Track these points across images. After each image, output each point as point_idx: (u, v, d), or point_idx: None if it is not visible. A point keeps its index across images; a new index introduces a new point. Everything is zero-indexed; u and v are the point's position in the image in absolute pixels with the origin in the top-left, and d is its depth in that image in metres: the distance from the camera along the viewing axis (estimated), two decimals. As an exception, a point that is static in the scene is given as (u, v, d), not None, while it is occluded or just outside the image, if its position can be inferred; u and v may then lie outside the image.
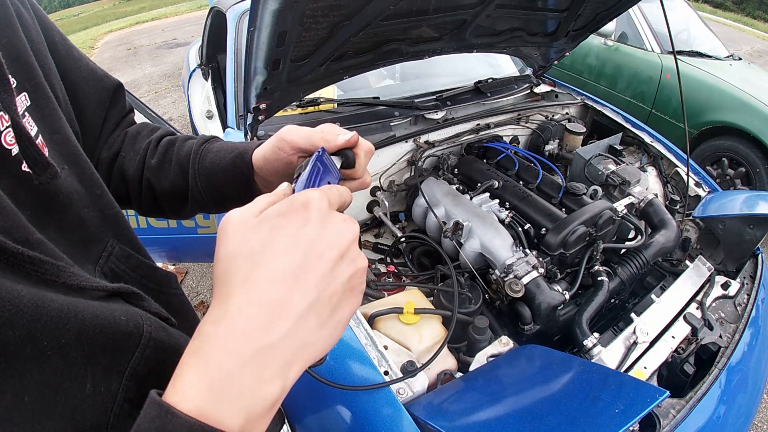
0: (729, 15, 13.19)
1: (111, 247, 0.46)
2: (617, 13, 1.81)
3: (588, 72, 4.02)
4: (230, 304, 0.28)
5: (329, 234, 0.31)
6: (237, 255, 0.29)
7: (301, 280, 0.29)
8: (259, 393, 0.27)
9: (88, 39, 11.17)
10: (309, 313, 0.29)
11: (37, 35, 0.45)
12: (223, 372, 0.26)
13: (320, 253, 0.30)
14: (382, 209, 1.73)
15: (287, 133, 0.50)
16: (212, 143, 0.60)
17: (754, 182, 3.06)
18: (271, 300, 0.28)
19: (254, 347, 0.27)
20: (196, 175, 0.58)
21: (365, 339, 0.95)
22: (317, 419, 0.96)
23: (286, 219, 0.30)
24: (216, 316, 0.28)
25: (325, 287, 0.30)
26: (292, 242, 0.30)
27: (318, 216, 0.31)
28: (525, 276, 1.25)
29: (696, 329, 1.21)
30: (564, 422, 0.74)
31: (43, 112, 0.41)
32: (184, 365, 0.27)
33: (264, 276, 0.28)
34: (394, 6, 1.22)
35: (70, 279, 0.34)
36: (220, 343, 0.27)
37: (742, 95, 3.08)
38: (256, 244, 0.29)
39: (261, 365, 0.27)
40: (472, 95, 1.98)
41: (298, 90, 1.42)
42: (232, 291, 0.28)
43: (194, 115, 2.82)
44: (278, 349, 0.28)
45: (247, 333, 0.27)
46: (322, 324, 0.30)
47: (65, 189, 0.41)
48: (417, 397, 0.90)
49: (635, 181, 1.65)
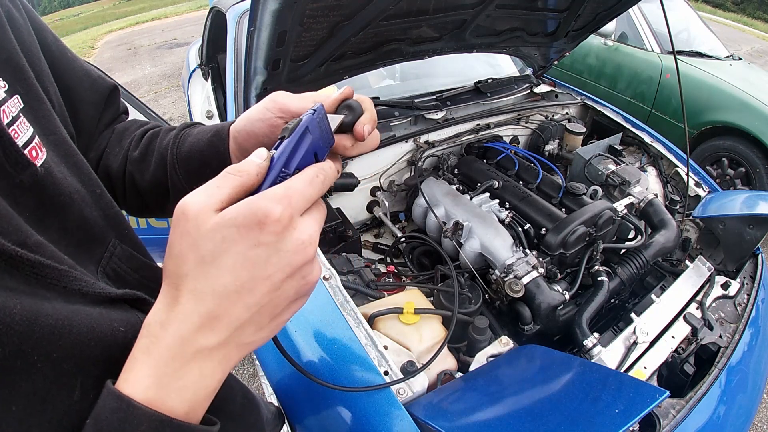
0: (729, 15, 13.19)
1: (113, 248, 0.46)
2: (617, 13, 1.81)
3: (588, 72, 4.01)
4: (177, 310, 0.30)
5: (281, 258, 0.31)
6: (187, 259, 0.30)
7: (243, 297, 0.30)
8: (201, 384, 0.31)
9: (88, 39, 11.17)
10: (248, 324, 0.31)
11: (29, 37, 0.45)
12: (170, 369, 0.30)
13: (268, 275, 0.31)
14: (382, 209, 1.73)
15: (279, 94, 0.47)
16: (193, 128, 0.57)
17: (754, 182, 3.06)
18: (213, 313, 0.30)
19: (195, 349, 0.30)
20: (174, 161, 0.54)
21: (365, 339, 0.95)
22: (317, 419, 0.95)
23: (240, 234, 0.29)
24: (163, 318, 0.31)
25: (268, 302, 0.31)
26: (240, 261, 0.30)
27: (272, 239, 0.30)
28: (525, 276, 1.25)
29: (696, 329, 1.21)
30: (564, 422, 0.74)
31: (36, 113, 0.41)
32: (136, 361, 0.31)
33: (209, 289, 0.30)
34: (394, 6, 1.22)
35: (72, 283, 0.34)
36: (166, 346, 0.30)
37: (742, 95, 3.08)
38: (206, 252, 0.30)
39: (201, 363, 0.31)
40: (472, 95, 1.98)
41: (298, 90, 1.41)
42: (180, 296, 0.30)
43: (194, 115, 2.82)
44: (216, 350, 0.31)
45: (190, 338, 0.30)
46: (260, 329, 0.33)
47: (66, 189, 0.40)
48: (417, 397, 0.90)
49: (635, 181, 1.65)
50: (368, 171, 1.69)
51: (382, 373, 0.89)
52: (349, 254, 1.34)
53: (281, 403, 1.02)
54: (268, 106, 0.47)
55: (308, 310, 1.02)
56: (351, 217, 1.62)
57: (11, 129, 0.35)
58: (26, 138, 0.37)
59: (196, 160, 0.53)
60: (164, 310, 0.31)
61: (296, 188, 0.32)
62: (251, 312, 0.31)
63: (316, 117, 0.38)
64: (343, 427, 0.89)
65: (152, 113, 2.00)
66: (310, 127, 0.37)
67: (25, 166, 0.35)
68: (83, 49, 9.78)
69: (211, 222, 0.30)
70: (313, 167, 0.35)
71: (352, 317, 0.99)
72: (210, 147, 0.52)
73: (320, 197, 0.36)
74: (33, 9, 0.48)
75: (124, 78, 6.79)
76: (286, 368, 1.01)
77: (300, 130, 0.36)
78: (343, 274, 1.21)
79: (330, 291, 1.04)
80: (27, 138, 0.37)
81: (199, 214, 0.30)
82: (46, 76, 0.45)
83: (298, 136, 0.36)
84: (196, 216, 0.30)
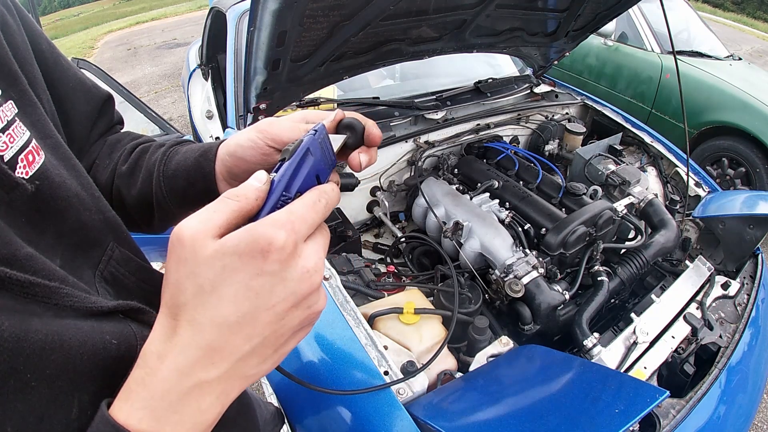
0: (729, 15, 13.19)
1: (111, 251, 0.46)
2: (617, 13, 1.81)
3: (588, 72, 4.02)
4: (175, 341, 0.29)
5: (286, 288, 0.29)
6: (184, 288, 0.29)
7: (245, 328, 0.29)
8: (199, 418, 0.30)
9: (88, 39, 11.17)
10: (250, 355, 0.30)
11: (23, 43, 0.44)
12: (165, 403, 0.29)
13: (271, 305, 0.29)
14: (382, 209, 1.73)
15: (266, 123, 0.44)
16: (183, 145, 0.56)
17: (754, 182, 3.06)
18: (212, 345, 0.29)
19: (193, 383, 0.29)
20: (160, 178, 0.53)
21: (365, 339, 0.95)
22: (317, 419, 0.95)
23: (242, 262, 0.28)
24: (161, 349, 0.30)
25: (271, 333, 0.30)
26: (242, 291, 0.28)
27: (276, 268, 0.29)
28: (525, 276, 1.25)
29: (696, 329, 1.21)
30: (564, 422, 0.74)
31: (32, 118, 0.41)
32: (131, 392, 0.29)
33: (209, 320, 0.29)
34: (394, 6, 1.22)
35: (63, 300, 0.33)
36: (163, 379, 0.29)
37: (742, 95, 3.08)
38: (205, 281, 0.28)
39: (199, 397, 0.29)
40: (472, 95, 1.98)
41: (298, 90, 1.42)
42: (178, 327, 0.29)
43: (194, 115, 2.82)
44: (216, 384, 0.30)
45: (187, 372, 0.29)
46: (264, 361, 0.31)
47: (64, 192, 0.40)
48: (417, 397, 0.90)
49: (635, 181, 1.65)
50: (368, 171, 1.69)
51: (382, 373, 0.89)
52: (349, 254, 1.34)
53: (281, 403, 1.02)
54: (258, 135, 0.45)
55: (308, 310, 1.02)
56: (351, 217, 1.62)
57: (6, 134, 0.35)
58: (23, 141, 0.37)
59: (182, 179, 0.52)
60: (161, 341, 0.30)
61: (298, 213, 0.31)
62: (253, 344, 0.30)
63: (317, 137, 0.36)
64: (343, 427, 0.89)
65: (152, 113, 2.01)
66: (311, 149, 0.35)
67: (13, 186, 0.34)
68: (83, 49, 9.79)
69: (210, 249, 0.28)
70: (314, 190, 0.33)
71: (352, 317, 0.99)
72: (196, 167, 0.51)
73: (323, 221, 0.35)
74: (28, 15, 0.48)
75: (124, 78, 6.79)
76: (285, 368, 1.01)
77: (301, 152, 0.34)
78: (343, 274, 1.21)
79: (330, 291, 1.04)
80: (24, 141, 0.37)
81: (196, 241, 0.29)
82: (39, 83, 0.45)
83: (299, 158, 0.34)
84: (192, 243, 0.29)
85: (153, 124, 2.05)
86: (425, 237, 1.51)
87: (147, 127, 2.07)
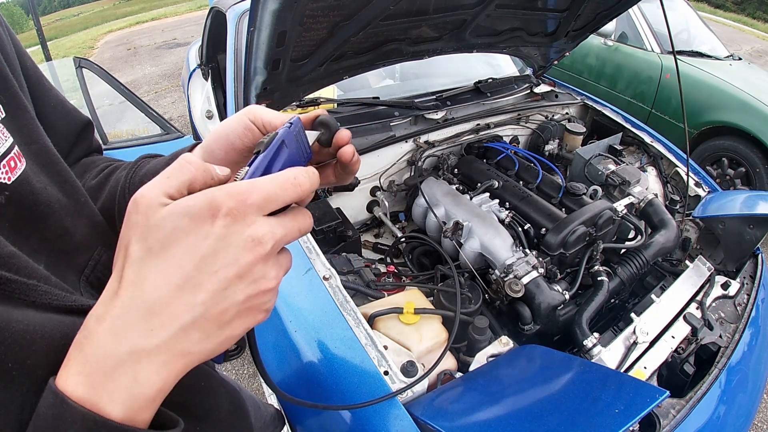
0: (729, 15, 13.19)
1: (99, 256, 0.46)
2: (617, 13, 1.81)
3: (588, 72, 4.01)
4: (114, 303, 0.28)
5: (229, 253, 0.28)
6: (134, 250, 0.28)
7: (187, 293, 0.28)
8: (137, 389, 0.28)
9: (88, 39, 11.18)
10: (192, 328, 0.29)
11: (12, 52, 0.44)
12: (99, 368, 0.27)
13: (214, 271, 0.28)
14: (382, 209, 1.73)
15: (259, 110, 0.43)
16: (154, 157, 0.54)
17: (754, 182, 3.06)
18: (152, 308, 0.28)
19: (129, 349, 0.28)
20: (126, 186, 0.50)
21: (365, 339, 0.95)
22: (317, 420, 0.96)
23: (190, 223, 0.28)
24: (101, 311, 0.29)
25: (213, 305, 0.29)
26: (186, 253, 0.28)
27: (221, 232, 0.28)
28: (525, 276, 1.25)
29: (696, 329, 1.21)
30: (564, 422, 0.74)
31: (19, 122, 0.40)
32: (69, 356, 0.29)
33: (151, 281, 0.28)
34: (394, 6, 1.22)
35: (41, 297, 0.33)
36: (98, 342, 0.28)
37: (742, 95, 3.08)
38: (154, 242, 0.28)
39: (136, 365, 0.28)
40: (472, 95, 1.98)
41: (298, 90, 1.42)
42: (120, 288, 0.28)
43: (194, 115, 2.82)
44: (154, 354, 0.28)
45: (124, 336, 0.28)
46: (206, 338, 0.30)
47: (45, 199, 0.40)
48: (417, 397, 0.90)
49: (635, 181, 1.65)
50: (368, 171, 1.69)
51: (382, 373, 0.89)
52: (349, 254, 1.34)
53: (281, 403, 1.02)
54: (247, 126, 0.44)
55: (308, 310, 1.02)
56: (351, 217, 1.62)
57: None
58: (4, 148, 0.37)
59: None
60: (103, 303, 0.29)
61: (260, 186, 0.30)
62: (195, 313, 0.28)
63: (293, 130, 0.36)
64: (343, 428, 0.89)
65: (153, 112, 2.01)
66: (286, 141, 0.35)
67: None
68: (83, 49, 9.79)
69: (163, 210, 0.28)
70: (291, 169, 0.32)
71: (352, 317, 0.99)
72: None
73: (302, 207, 0.34)
74: (14, 33, 0.48)
75: (125, 78, 6.79)
76: (286, 369, 1.01)
77: (276, 144, 0.34)
78: (343, 274, 1.21)
79: (330, 291, 1.04)
80: (5, 149, 0.37)
81: (149, 206, 0.28)
82: (26, 92, 0.45)
83: (274, 149, 0.34)
84: (147, 206, 0.28)
85: (153, 123, 2.05)
86: (425, 237, 1.51)
87: (147, 127, 2.07)
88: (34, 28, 3.71)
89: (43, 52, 3.37)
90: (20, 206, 0.37)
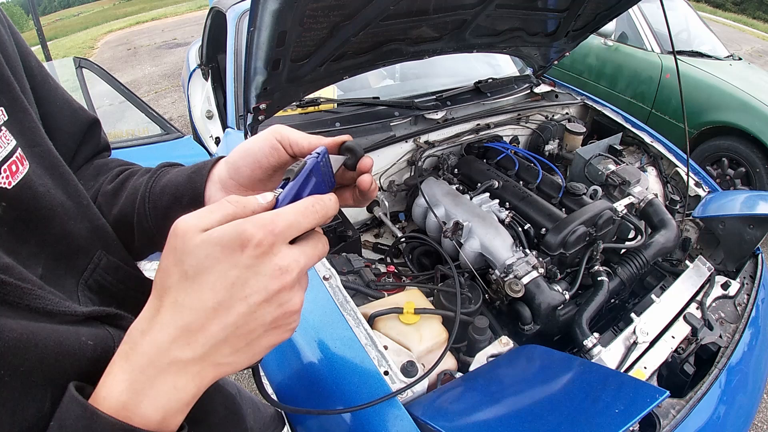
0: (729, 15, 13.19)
1: (98, 259, 0.46)
2: (617, 13, 1.81)
3: (588, 72, 4.02)
4: (157, 320, 0.32)
5: (258, 281, 0.31)
6: (171, 273, 0.31)
7: (220, 315, 0.31)
8: (174, 395, 0.32)
9: (88, 39, 11.18)
10: (223, 344, 0.32)
11: (14, 53, 0.44)
12: (144, 376, 0.31)
13: (244, 296, 0.31)
14: (382, 209, 1.73)
15: (286, 130, 0.44)
16: (174, 167, 0.54)
17: (754, 182, 3.06)
18: (190, 326, 0.31)
19: (169, 360, 0.31)
20: (146, 195, 0.51)
21: (365, 339, 0.95)
22: (317, 420, 0.96)
23: (222, 253, 0.31)
24: (144, 326, 0.32)
25: (243, 325, 0.32)
26: (220, 280, 0.31)
27: (250, 261, 0.31)
28: (525, 276, 1.25)
29: (696, 329, 1.21)
30: (564, 422, 0.74)
31: (22, 125, 0.40)
32: (114, 365, 0.32)
33: (188, 303, 0.31)
34: (394, 6, 1.22)
35: (35, 302, 0.34)
36: (143, 353, 0.31)
37: (742, 95, 3.08)
38: (189, 267, 0.31)
39: (176, 374, 0.31)
40: (472, 95, 1.98)
41: (298, 90, 1.42)
42: (161, 307, 0.32)
43: (194, 115, 2.82)
44: (191, 365, 0.32)
45: (165, 349, 0.31)
46: (236, 352, 0.33)
47: (48, 202, 0.40)
48: (417, 397, 0.90)
49: (635, 181, 1.65)
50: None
51: (382, 373, 0.89)
52: (349, 254, 1.34)
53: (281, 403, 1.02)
54: (274, 145, 0.45)
55: (308, 310, 1.02)
56: (351, 217, 1.62)
57: None
58: (6, 152, 0.37)
59: (169, 194, 0.51)
60: (146, 320, 0.32)
61: (284, 216, 0.32)
62: (227, 332, 0.32)
63: (320, 160, 0.38)
64: (343, 428, 0.89)
65: (153, 112, 2.01)
66: (314, 171, 0.37)
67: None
68: (83, 49, 9.79)
69: (197, 239, 0.31)
70: (310, 198, 0.35)
71: (352, 317, 0.99)
72: (188, 182, 0.50)
73: (320, 232, 0.36)
74: (18, 32, 0.47)
75: (125, 78, 6.79)
76: (286, 369, 1.01)
77: (305, 173, 0.37)
78: (343, 274, 1.21)
79: (330, 291, 1.04)
80: (8, 152, 0.37)
81: (186, 233, 0.31)
82: (28, 95, 0.44)
83: (302, 178, 0.36)
84: (184, 233, 0.31)
85: (153, 123, 2.05)
86: (425, 237, 1.50)
87: (147, 127, 2.07)
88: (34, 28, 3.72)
89: (43, 52, 3.37)
90: (20, 210, 0.37)
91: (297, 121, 1.69)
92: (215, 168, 0.49)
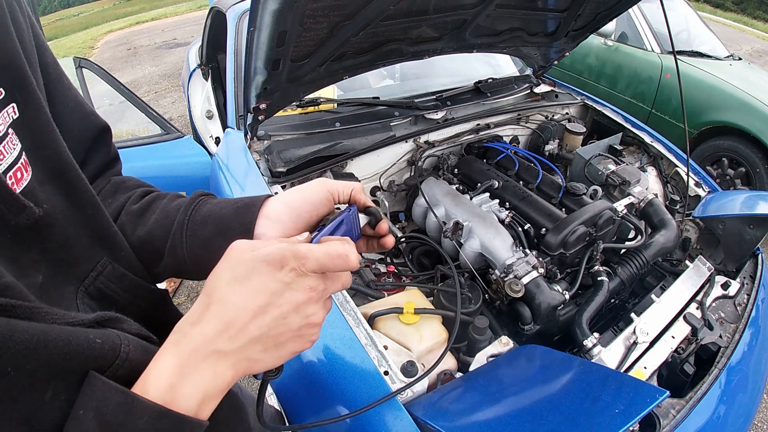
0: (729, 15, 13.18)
1: (102, 267, 0.45)
2: (617, 13, 1.81)
3: (588, 72, 4.01)
4: (206, 314, 0.37)
5: (292, 294, 0.38)
6: (223, 276, 0.38)
7: (258, 317, 0.37)
8: (213, 381, 0.36)
9: (88, 39, 11.17)
10: (257, 341, 0.38)
11: (31, 46, 0.43)
12: (192, 359, 0.36)
13: (279, 304, 0.38)
14: (382, 209, 1.73)
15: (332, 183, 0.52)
16: (211, 197, 0.56)
17: (754, 182, 3.06)
18: (233, 323, 0.37)
19: (212, 349, 0.36)
20: (185, 222, 0.51)
21: (365, 339, 0.95)
22: (317, 420, 0.95)
23: (266, 267, 0.38)
24: (195, 319, 0.37)
25: (275, 327, 0.38)
26: (262, 288, 0.37)
27: (287, 278, 0.38)
28: (525, 276, 1.25)
29: (696, 329, 1.21)
30: (564, 422, 0.74)
31: (32, 124, 0.39)
32: (165, 351, 0.36)
33: (234, 303, 0.37)
34: (394, 6, 1.22)
35: (44, 318, 0.34)
36: (191, 340, 0.36)
37: (742, 95, 3.08)
38: (238, 273, 0.38)
39: (216, 362, 0.36)
40: (472, 95, 1.98)
41: (298, 90, 1.42)
42: (211, 303, 0.37)
43: (194, 115, 2.82)
44: (229, 355, 0.37)
45: (211, 339, 0.36)
46: (265, 351, 0.39)
47: (48, 210, 0.39)
48: (417, 397, 0.90)
49: (635, 181, 1.65)
50: (368, 171, 1.69)
51: (382, 373, 0.89)
52: (349, 254, 1.34)
53: (281, 404, 1.02)
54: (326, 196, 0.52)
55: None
56: (351, 217, 1.61)
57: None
58: (11, 159, 0.36)
59: (213, 226, 0.51)
60: (196, 313, 0.37)
61: (314, 253, 0.39)
62: (261, 331, 0.37)
63: (351, 214, 0.50)
64: (342, 427, 0.89)
65: (153, 112, 2.01)
66: (345, 220, 0.48)
67: (21, 208, 0.36)
68: (83, 49, 9.79)
69: (249, 254, 0.38)
70: (343, 246, 0.41)
71: (352, 317, 0.99)
72: (236, 216, 0.51)
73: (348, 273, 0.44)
74: (37, 25, 0.46)
75: (125, 78, 6.79)
76: (285, 369, 1.01)
77: (338, 221, 0.47)
78: (343, 274, 1.21)
79: (330, 291, 1.04)
80: (12, 159, 0.36)
81: (241, 250, 0.39)
82: (43, 91, 0.43)
83: (335, 224, 0.47)
84: (240, 249, 0.39)
85: (153, 123, 2.05)
86: (425, 237, 1.50)
87: (147, 127, 2.07)
88: (34, 28, 3.71)
89: (43, 52, 3.37)
90: (23, 218, 0.37)
91: (297, 121, 1.69)
92: (267, 206, 0.52)
